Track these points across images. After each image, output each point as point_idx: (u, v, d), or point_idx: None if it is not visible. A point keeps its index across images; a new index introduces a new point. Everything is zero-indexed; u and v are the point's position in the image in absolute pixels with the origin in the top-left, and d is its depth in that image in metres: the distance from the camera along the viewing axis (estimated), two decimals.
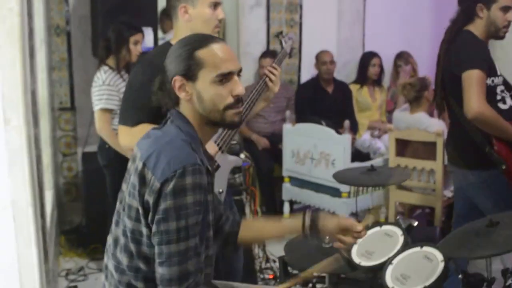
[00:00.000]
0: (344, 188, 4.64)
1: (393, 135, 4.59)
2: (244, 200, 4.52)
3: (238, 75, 1.91)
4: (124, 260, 1.88)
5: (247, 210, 4.56)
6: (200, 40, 1.87)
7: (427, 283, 2.21)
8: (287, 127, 5.13)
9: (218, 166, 2.76)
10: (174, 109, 1.92)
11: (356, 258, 2.52)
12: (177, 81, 1.87)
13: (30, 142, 2.76)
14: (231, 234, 2.19)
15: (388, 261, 2.40)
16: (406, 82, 4.77)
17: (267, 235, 2.27)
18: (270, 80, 3.06)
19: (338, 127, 4.92)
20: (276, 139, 5.46)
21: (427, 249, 2.38)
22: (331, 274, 2.53)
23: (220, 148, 2.80)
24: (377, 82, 6.04)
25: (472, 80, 3.03)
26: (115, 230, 1.93)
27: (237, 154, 4.67)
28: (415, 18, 6.47)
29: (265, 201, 5.39)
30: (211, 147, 2.68)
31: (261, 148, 5.52)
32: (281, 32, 3.54)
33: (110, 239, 1.97)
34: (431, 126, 4.51)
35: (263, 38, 5.94)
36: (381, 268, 2.39)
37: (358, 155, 5.17)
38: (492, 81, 3.14)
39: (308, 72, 6.05)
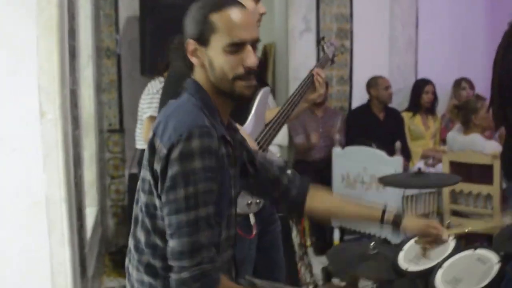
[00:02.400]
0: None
1: (447, 158, 4.39)
2: (291, 223, 4.37)
3: (254, 45, 1.77)
4: (142, 237, 1.76)
5: (294, 234, 4.40)
6: (216, 3, 1.74)
7: (481, 285, 2.03)
8: (337, 151, 4.98)
9: None
10: (190, 78, 1.82)
11: (403, 263, 2.34)
12: (190, 44, 1.76)
13: (66, 137, 2.71)
14: (298, 198, 2.05)
15: (438, 265, 2.22)
16: (454, 105, 4.60)
17: (342, 211, 2.11)
18: (318, 81, 2.95)
19: (389, 151, 4.74)
20: (324, 165, 5.31)
21: (481, 251, 2.20)
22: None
23: (260, 147, 2.69)
24: (431, 110, 5.86)
25: None
26: (135, 209, 1.82)
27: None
28: (469, 44, 6.28)
29: (314, 229, 5.21)
30: (251, 145, 2.57)
31: (313, 142, 5.36)
32: (323, 38, 3.45)
33: (132, 221, 1.85)
34: (486, 148, 4.30)
35: (312, 64, 5.79)
36: (430, 273, 2.21)
37: None
38: None
39: (359, 99, 5.91)
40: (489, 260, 2.12)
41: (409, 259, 2.35)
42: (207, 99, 1.77)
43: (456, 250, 2.27)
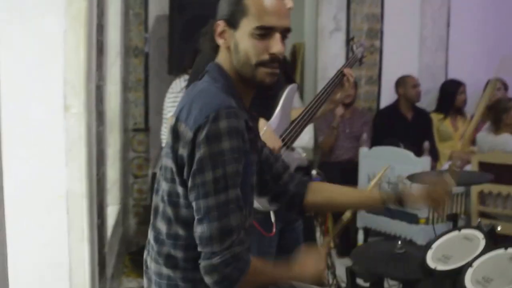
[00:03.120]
0: (422, 213, 4.35)
1: (476, 158, 4.29)
2: (315, 223, 4.31)
3: (284, 35, 1.74)
4: (163, 228, 1.72)
5: (318, 234, 4.34)
6: None
7: None
8: (363, 150, 4.90)
9: None
10: (212, 62, 1.79)
11: (431, 262, 2.28)
12: (219, 26, 1.74)
13: (90, 132, 2.69)
14: (297, 194, 1.99)
15: (468, 264, 2.14)
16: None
17: (341, 199, 2.02)
18: (348, 81, 2.89)
19: (417, 152, 4.64)
20: (351, 166, 5.22)
21: None
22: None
23: (285, 144, 2.64)
24: (460, 111, 5.74)
25: None
26: (155, 199, 1.78)
27: (308, 169, 4.54)
28: (501, 44, 6.14)
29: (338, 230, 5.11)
30: (275, 141, 2.53)
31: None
32: (353, 38, 3.39)
33: (152, 211, 1.82)
34: None
35: (341, 63, 5.73)
36: (459, 272, 2.14)
37: None
38: None
39: (387, 99, 5.80)
40: None
41: (437, 258, 2.29)
42: (230, 83, 1.74)
43: (486, 249, 2.19)
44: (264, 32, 1.68)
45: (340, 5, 5.70)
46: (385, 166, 2.34)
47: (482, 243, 2.23)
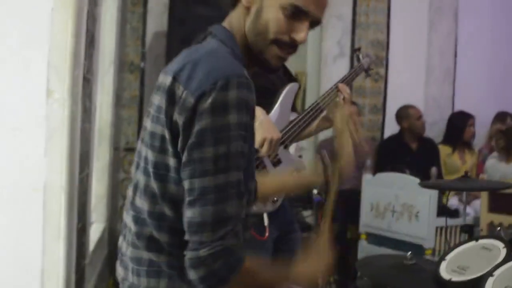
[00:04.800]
0: (428, 243, 4.10)
1: None
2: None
3: (312, 25, 1.52)
4: (145, 205, 1.44)
5: None
6: None
7: None
8: (367, 177, 4.68)
9: (280, 161, 2.49)
10: (218, 24, 1.55)
11: (445, 274, 2.07)
12: None
13: (74, 122, 2.45)
14: None
15: (488, 274, 1.93)
16: (498, 130, 4.29)
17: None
18: (343, 97, 2.70)
19: (423, 179, 4.41)
20: (353, 196, 4.98)
21: None
22: None
23: (283, 142, 2.45)
24: (468, 144, 5.53)
25: None
26: (135, 174, 1.50)
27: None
28: (509, 76, 5.99)
29: (336, 264, 4.85)
30: (274, 131, 2.38)
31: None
32: (359, 48, 3.23)
33: (130, 190, 1.53)
34: None
35: None
36: (477, 283, 1.93)
37: (445, 210, 4.60)
38: None
39: (392, 129, 5.61)
40: None
41: (452, 269, 2.09)
42: (238, 51, 1.50)
43: (508, 258, 1.99)
44: (296, 13, 1.47)
45: (345, 29, 5.56)
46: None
47: (503, 252, 2.03)
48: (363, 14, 5.62)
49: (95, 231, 4.02)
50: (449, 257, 2.11)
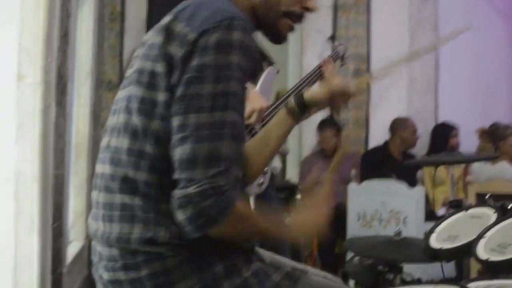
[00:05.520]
0: None
1: (473, 189, 4.04)
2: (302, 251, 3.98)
3: None
4: (124, 143, 1.36)
5: None
6: None
7: None
8: (353, 187, 4.56)
9: None
10: None
11: (436, 244, 2.01)
12: None
13: (48, 109, 2.35)
14: None
15: (479, 237, 1.86)
16: (483, 131, 4.25)
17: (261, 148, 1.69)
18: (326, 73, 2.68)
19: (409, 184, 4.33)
20: (340, 211, 4.85)
21: None
22: None
23: (263, 124, 2.38)
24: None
25: None
26: (111, 120, 1.44)
27: (292, 191, 4.23)
28: (492, 87, 5.96)
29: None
30: (262, 100, 2.38)
31: None
32: (333, 37, 3.17)
33: (103, 141, 1.46)
34: None
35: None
36: (468, 248, 1.87)
37: (432, 215, 4.49)
38: None
39: (376, 143, 5.51)
40: None
41: (443, 239, 2.03)
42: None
43: (499, 221, 1.92)
44: None
45: (325, 43, 5.49)
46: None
47: (493, 217, 1.97)
48: (343, 28, 5.58)
49: (74, 248, 3.86)
50: (439, 229, 2.03)
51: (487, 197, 2.16)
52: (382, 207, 4.24)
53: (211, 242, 1.32)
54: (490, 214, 2.00)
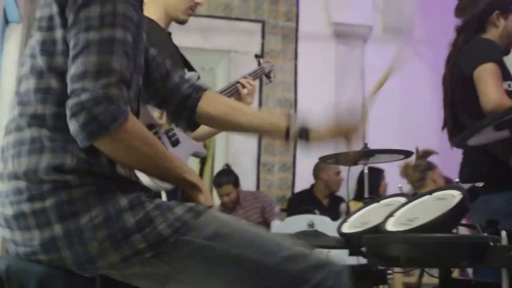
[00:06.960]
0: None
1: None
2: None
3: None
4: (31, 84, 1.43)
5: None
6: None
7: (441, 213, 1.67)
8: (276, 224, 4.50)
9: (178, 141, 2.44)
10: None
11: (347, 230, 2.04)
12: None
13: None
14: (190, 97, 1.74)
15: (388, 215, 1.84)
16: (409, 164, 4.23)
17: (238, 119, 1.74)
18: (243, 87, 2.72)
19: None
20: None
21: (440, 192, 1.84)
22: None
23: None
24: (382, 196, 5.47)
25: (487, 73, 2.61)
26: (20, 72, 1.49)
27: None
28: (416, 119, 6.05)
29: None
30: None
31: None
32: (261, 55, 3.21)
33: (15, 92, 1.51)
34: None
35: (254, 148, 5.51)
36: (379, 228, 1.83)
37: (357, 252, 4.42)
38: (509, 85, 2.70)
39: (302, 187, 5.51)
40: (451, 196, 1.76)
41: (354, 226, 2.05)
42: None
43: (406, 202, 1.90)
44: None
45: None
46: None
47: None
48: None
49: None
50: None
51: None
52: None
53: (116, 176, 1.38)
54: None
